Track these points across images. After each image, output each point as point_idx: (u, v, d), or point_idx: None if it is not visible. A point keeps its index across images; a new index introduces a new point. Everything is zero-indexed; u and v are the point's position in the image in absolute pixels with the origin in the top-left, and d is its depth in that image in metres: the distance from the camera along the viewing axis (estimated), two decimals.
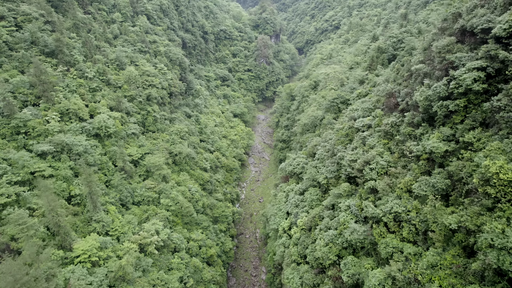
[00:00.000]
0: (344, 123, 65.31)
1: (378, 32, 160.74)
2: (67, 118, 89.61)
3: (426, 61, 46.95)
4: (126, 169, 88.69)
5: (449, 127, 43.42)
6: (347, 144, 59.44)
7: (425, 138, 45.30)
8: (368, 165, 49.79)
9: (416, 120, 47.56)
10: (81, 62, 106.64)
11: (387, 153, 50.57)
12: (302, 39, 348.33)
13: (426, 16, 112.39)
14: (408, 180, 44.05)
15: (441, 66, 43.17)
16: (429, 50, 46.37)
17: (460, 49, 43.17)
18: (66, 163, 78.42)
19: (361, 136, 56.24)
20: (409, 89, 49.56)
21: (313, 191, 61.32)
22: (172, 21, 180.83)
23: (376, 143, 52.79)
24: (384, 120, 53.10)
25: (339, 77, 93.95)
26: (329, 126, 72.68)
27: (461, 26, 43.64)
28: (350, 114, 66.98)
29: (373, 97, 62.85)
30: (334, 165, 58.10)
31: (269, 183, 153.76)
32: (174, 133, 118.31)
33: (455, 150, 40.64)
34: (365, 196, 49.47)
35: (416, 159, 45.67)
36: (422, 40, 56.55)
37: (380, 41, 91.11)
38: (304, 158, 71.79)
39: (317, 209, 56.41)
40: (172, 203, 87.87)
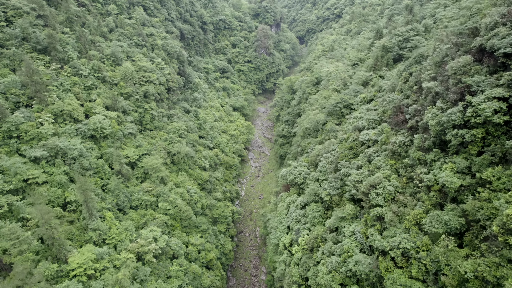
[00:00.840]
0: (348, 133, 62.52)
1: (382, 24, 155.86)
2: (61, 119, 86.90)
3: (438, 78, 43.67)
4: (123, 172, 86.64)
5: (464, 157, 40.34)
6: (351, 158, 56.99)
7: (437, 166, 42.32)
8: (374, 189, 47.37)
9: (427, 144, 44.63)
10: (75, 59, 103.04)
11: (395, 176, 48.00)
12: (303, 28, 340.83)
13: (433, 10, 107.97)
14: (417, 213, 41.54)
15: (456, 88, 39.95)
16: (442, 68, 42.93)
17: (478, 71, 39.80)
18: (61, 168, 76.24)
19: (367, 153, 53.59)
20: (419, 106, 46.67)
21: (315, 207, 59.15)
22: (170, 12, 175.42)
23: (383, 163, 50.16)
24: (391, 138, 50.32)
25: (342, 77, 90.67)
26: (332, 134, 70.01)
27: (479, 45, 40.32)
28: (354, 123, 64.20)
29: (379, 106, 60.01)
30: (337, 181, 55.83)
31: (269, 179, 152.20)
32: (172, 132, 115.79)
33: (471, 185, 38.03)
34: (371, 223, 47.25)
35: (426, 189, 43.02)
36: (431, 47, 53.18)
37: (385, 39, 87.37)
38: (305, 166, 69.52)
39: (319, 229, 54.51)
40: (170, 206, 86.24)
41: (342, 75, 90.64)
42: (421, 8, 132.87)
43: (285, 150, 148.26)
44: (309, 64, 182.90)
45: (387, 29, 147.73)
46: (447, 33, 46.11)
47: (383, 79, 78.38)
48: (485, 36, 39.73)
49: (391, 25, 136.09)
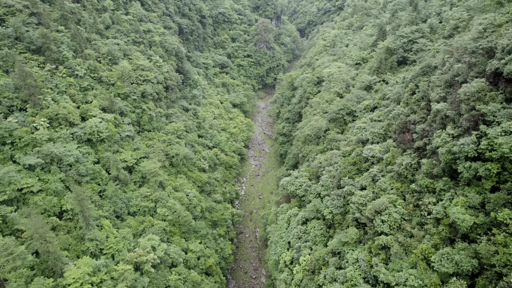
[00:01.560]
0: (351, 145, 60.39)
1: (385, 20, 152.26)
2: (57, 123, 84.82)
3: (448, 99, 40.96)
4: (120, 177, 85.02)
5: (476, 191, 37.75)
6: (354, 174, 55.10)
7: (447, 197, 39.71)
8: (379, 215, 45.45)
9: (436, 171, 41.99)
10: (70, 59, 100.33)
11: (401, 202, 45.89)
12: (304, 20, 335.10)
13: (438, 8, 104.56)
14: (426, 248, 39.58)
15: (469, 116, 37.24)
16: (453, 89, 39.90)
17: (493, 97, 37.20)
18: (56, 175, 74.54)
19: (371, 172, 51.53)
20: (427, 126, 44.39)
21: (317, 224, 57.44)
22: (168, 6, 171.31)
23: (388, 185, 48.10)
24: (397, 158, 48.19)
25: (344, 79, 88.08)
26: (334, 145, 67.90)
27: (495, 69, 37.70)
28: (357, 134, 62.01)
29: (383, 117, 57.66)
30: (340, 199, 53.99)
31: (269, 178, 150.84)
32: (171, 132, 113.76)
33: (484, 223, 35.92)
34: (375, 251, 45.55)
35: (435, 221, 40.75)
36: (440, 59, 50.36)
37: (388, 40, 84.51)
38: (306, 177, 67.65)
39: (321, 250, 52.92)
40: (169, 212, 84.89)
41: (344, 77, 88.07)
42: (426, 4, 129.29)
43: (286, 149, 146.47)
44: (310, 60, 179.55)
45: (390, 25, 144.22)
46: (458, 47, 43.50)
47: (387, 84, 75.96)
48: (502, 60, 37.05)
49: (395, 22, 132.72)
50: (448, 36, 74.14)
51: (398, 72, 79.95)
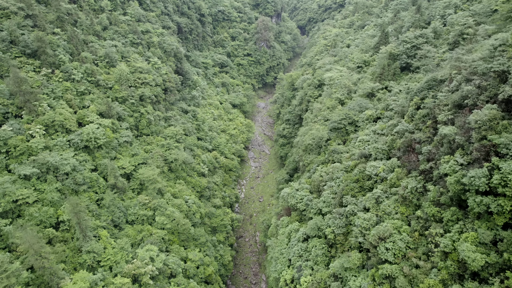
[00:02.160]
0: (354, 159, 58.80)
1: (387, 20, 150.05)
2: (53, 130, 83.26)
3: (457, 122, 39.02)
4: (118, 185, 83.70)
5: (487, 226, 35.61)
6: (357, 192, 53.64)
7: (455, 229, 37.65)
8: (383, 242, 43.89)
9: (443, 199, 39.96)
10: (67, 63, 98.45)
11: (406, 228, 44.22)
12: (305, 17, 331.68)
13: (442, 10, 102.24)
14: (433, 284, 37.85)
15: (480, 146, 35.48)
16: (462, 114, 37.77)
17: (506, 127, 35.41)
18: (53, 184, 73.19)
19: (375, 194, 49.92)
20: (433, 148, 42.49)
21: (318, 243, 55.95)
22: (167, 5, 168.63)
23: (392, 209, 46.52)
24: (402, 180, 46.56)
25: (346, 84, 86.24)
26: (336, 157, 66.29)
27: (508, 96, 35.84)
28: (360, 147, 60.44)
29: (387, 131, 55.93)
30: (342, 218, 52.51)
31: (269, 180, 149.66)
32: (170, 136, 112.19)
33: (496, 263, 34.24)
34: (379, 280, 43.87)
35: (442, 254, 38.97)
36: (447, 73, 48.48)
37: (391, 45, 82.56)
38: (307, 190, 66.17)
39: (323, 273, 51.52)
40: (167, 220, 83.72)
41: (346, 82, 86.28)
42: (429, 5, 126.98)
43: (286, 151, 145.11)
44: (311, 60, 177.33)
45: (393, 25, 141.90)
46: (466, 65, 41.62)
47: (390, 92, 74.23)
48: None
49: (397, 23, 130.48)
50: (453, 43, 72.30)
51: (401, 79, 78.16)
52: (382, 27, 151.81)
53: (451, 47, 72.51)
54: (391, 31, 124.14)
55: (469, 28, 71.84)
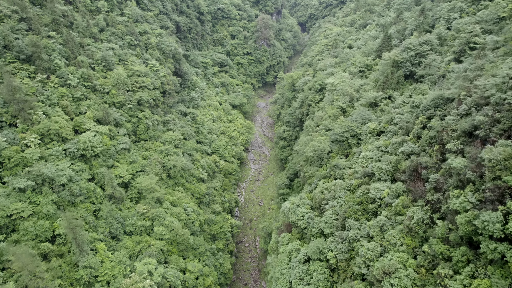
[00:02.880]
0: (356, 177, 57.10)
1: (389, 20, 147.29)
2: (48, 139, 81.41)
3: (467, 154, 37.00)
4: (115, 195, 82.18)
5: (501, 274, 33.19)
6: (360, 216, 51.92)
7: (466, 273, 35.27)
8: (388, 277, 42.23)
9: (453, 237, 37.55)
10: (62, 68, 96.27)
11: (412, 261, 42.57)
12: (305, 13, 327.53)
13: (447, 13, 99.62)
14: None
15: (494, 186, 33.76)
16: (473, 145, 35.60)
17: None
18: (48, 197, 71.63)
19: (379, 221, 48.04)
20: (442, 178, 40.69)
21: (320, 267, 54.46)
22: (165, 4, 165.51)
23: (398, 240, 44.82)
24: (407, 209, 44.69)
25: (348, 92, 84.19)
26: (338, 173, 64.53)
27: None
28: (363, 164, 58.70)
29: (391, 150, 53.96)
30: (345, 243, 50.97)
31: (269, 183, 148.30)
32: (168, 141, 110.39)
33: None
34: None
35: None
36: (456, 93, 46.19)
37: (395, 52, 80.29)
38: (309, 206, 64.41)
39: None
40: (166, 231, 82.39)
41: (348, 89, 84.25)
42: (433, 5, 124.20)
43: (286, 154, 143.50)
44: (312, 60, 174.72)
45: (395, 26, 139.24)
46: (477, 88, 39.65)
47: (393, 102, 72.24)
48: None
49: (400, 25, 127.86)
50: (459, 52, 70.10)
51: (405, 88, 76.14)
52: (384, 28, 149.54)
53: (456, 56, 70.35)
54: (394, 33, 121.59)
55: (475, 36, 69.74)
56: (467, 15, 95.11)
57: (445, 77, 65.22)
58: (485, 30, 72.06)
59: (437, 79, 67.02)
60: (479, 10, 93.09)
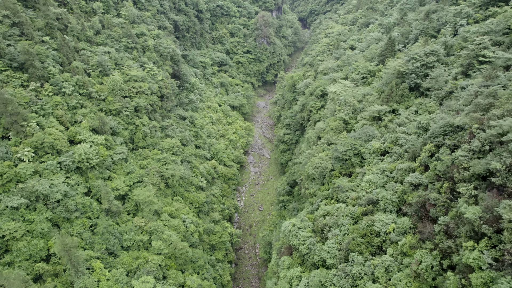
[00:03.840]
0: (360, 205, 54.92)
1: (392, 20, 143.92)
2: (43, 152, 79.08)
3: (481, 204, 34.42)
4: (112, 209, 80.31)
5: None
6: (364, 248, 49.95)
7: None
8: None
9: None
10: (57, 75, 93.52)
11: None
12: (306, 8, 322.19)
13: (453, 17, 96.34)
14: None
15: None
16: (488, 195, 33.16)
17: None
18: (43, 214, 69.74)
19: (385, 262, 45.80)
20: (452, 222, 37.80)
21: None
22: (163, 3, 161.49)
23: (404, 285, 42.72)
24: (415, 251, 42.49)
25: (350, 103, 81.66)
26: (340, 195, 62.33)
27: None
28: (367, 189, 56.60)
29: (397, 177, 51.63)
30: (348, 279, 49.06)
31: (269, 187, 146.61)
32: (166, 149, 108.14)
33: None
34: None
35: None
36: (465, 123, 43.36)
37: (399, 62, 77.46)
38: (310, 229, 62.32)
39: None
40: (164, 245, 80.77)
41: (351, 100, 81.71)
42: (437, 6, 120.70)
43: (287, 158, 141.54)
44: (313, 60, 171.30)
45: (399, 27, 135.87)
46: (491, 122, 37.14)
47: (398, 117, 69.61)
48: None
49: (404, 27, 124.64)
50: (467, 66, 67.38)
51: (410, 101, 73.57)
52: (387, 30, 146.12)
53: (464, 69, 67.72)
54: (397, 37, 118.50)
55: (484, 49, 66.98)
56: (474, 21, 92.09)
57: (453, 93, 62.73)
58: (494, 42, 69.23)
59: (445, 95, 64.51)
60: (487, 16, 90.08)
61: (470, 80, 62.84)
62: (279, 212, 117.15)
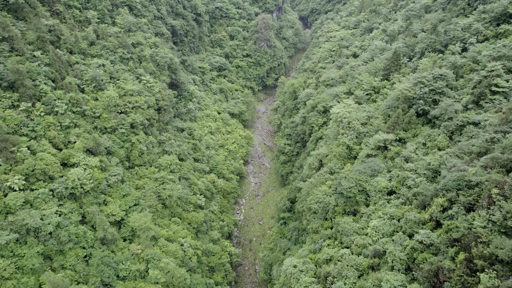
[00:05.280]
0: (366, 257, 51.76)
1: (396, 28, 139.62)
2: (34, 179, 75.99)
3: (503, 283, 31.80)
4: (107, 237, 77.53)
5: None
6: None
7: None
8: None
9: None
10: (49, 93, 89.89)
11: None
12: (307, 7, 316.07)
13: (461, 32, 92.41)
14: None
15: None
16: None
17: None
18: (34, 248, 66.93)
19: None
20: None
21: None
22: (160, 7, 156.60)
23: None
24: None
25: (354, 127, 78.32)
26: (345, 239, 59.19)
27: None
28: (373, 236, 53.46)
29: (405, 229, 48.28)
30: None
31: (270, 199, 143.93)
32: (163, 167, 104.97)
33: None
34: None
35: None
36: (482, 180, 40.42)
37: (407, 85, 73.78)
38: (312, 272, 59.54)
39: None
40: (162, 274, 78.17)
41: (355, 124, 78.33)
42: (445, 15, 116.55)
43: (287, 170, 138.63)
44: (314, 66, 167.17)
45: (403, 35, 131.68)
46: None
47: (405, 149, 66.27)
48: None
49: (409, 37, 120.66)
50: (479, 95, 63.89)
51: (418, 129, 70.15)
52: (391, 37, 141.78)
53: (475, 98, 64.31)
54: (403, 48, 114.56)
55: (497, 77, 63.45)
56: (484, 38, 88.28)
57: (464, 128, 59.33)
58: (508, 68, 65.61)
59: (455, 129, 61.10)
60: (498, 34, 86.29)
61: (482, 114, 59.47)
62: (279, 229, 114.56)
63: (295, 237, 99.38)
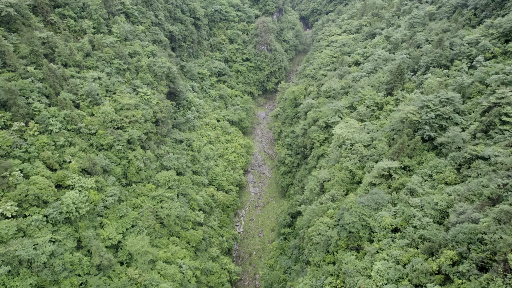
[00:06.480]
0: None
1: (400, 36, 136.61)
2: (27, 204, 73.75)
3: None
4: (104, 264, 75.52)
5: None
6: None
7: None
8: None
9: None
10: (43, 111, 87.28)
11: None
12: (308, 7, 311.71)
13: (468, 47, 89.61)
14: None
15: None
16: None
17: None
18: (27, 280, 64.89)
19: None
20: None
21: None
22: (157, 13, 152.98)
23: None
24: None
25: (357, 151, 75.83)
26: (348, 281, 57.06)
27: None
28: (377, 281, 51.38)
29: (412, 278, 46.09)
30: None
31: (270, 210, 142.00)
32: (162, 184, 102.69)
33: None
34: None
35: None
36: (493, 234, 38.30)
37: (411, 108, 71.10)
38: None
39: None
40: None
41: (358, 148, 75.93)
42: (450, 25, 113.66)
43: (288, 181, 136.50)
44: (315, 73, 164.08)
45: (407, 43, 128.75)
46: None
47: (410, 176, 64.10)
48: None
49: (413, 50, 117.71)
50: (488, 124, 61.41)
51: (424, 155, 67.74)
52: (394, 45, 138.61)
53: (484, 127, 61.86)
54: (406, 59, 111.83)
55: (507, 105, 60.97)
56: (491, 55, 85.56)
57: (473, 162, 56.89)
58: None
59: (463, 162, 58.71)
60: (506, 52, 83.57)
61: (492, 146, 57.06)
62: (279, 244, 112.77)
63: (295, 256, 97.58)
